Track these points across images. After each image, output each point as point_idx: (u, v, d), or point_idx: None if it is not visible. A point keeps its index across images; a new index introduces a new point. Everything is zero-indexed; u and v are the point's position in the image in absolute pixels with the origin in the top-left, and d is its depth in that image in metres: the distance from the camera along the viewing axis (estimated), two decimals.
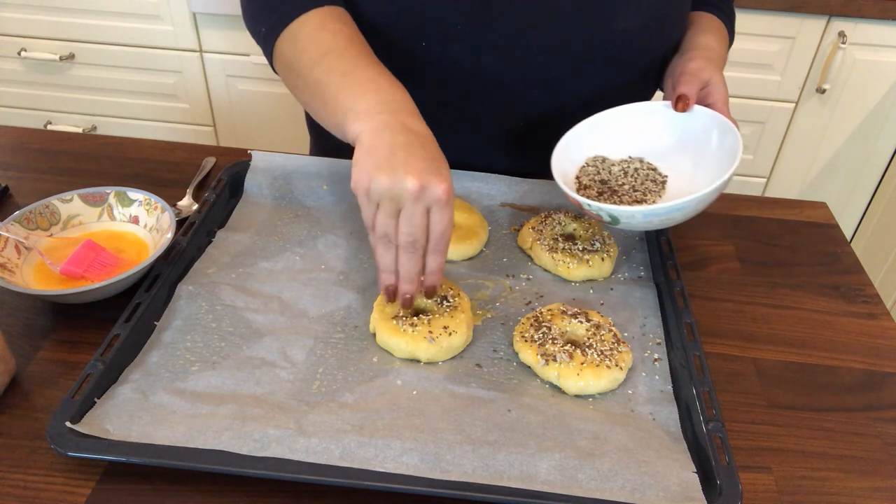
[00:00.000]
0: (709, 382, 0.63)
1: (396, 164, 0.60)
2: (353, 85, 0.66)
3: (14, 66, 1.85)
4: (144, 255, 0.75)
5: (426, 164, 0.60)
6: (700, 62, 0.78)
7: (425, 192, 0.60)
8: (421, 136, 0.63)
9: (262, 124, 1.86)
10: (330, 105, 0.68)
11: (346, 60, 0.69)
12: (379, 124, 0.62)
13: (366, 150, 0.61)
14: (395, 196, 0.60)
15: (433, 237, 0.62)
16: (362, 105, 0.64)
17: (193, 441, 0.56)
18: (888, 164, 1.73)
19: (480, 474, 0.55)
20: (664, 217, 0.69)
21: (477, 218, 0.81)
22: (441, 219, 0.61)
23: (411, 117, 0.64)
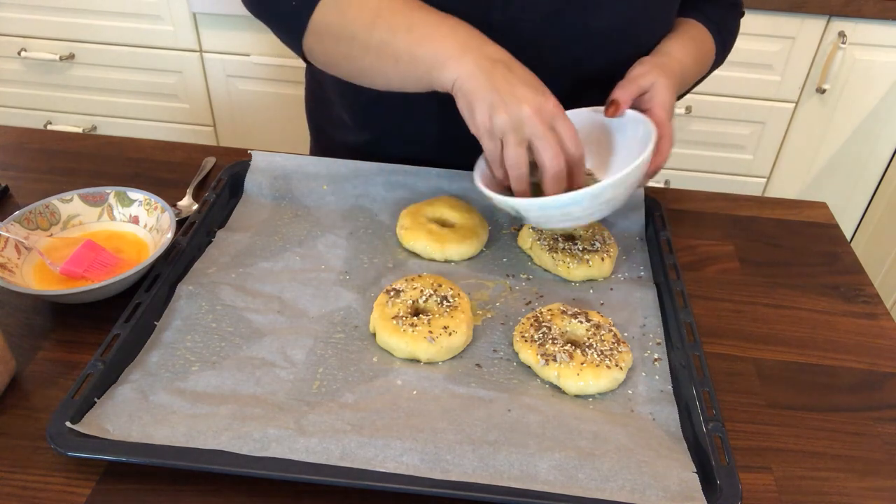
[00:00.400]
0: (709, 382, 0.63)
1: (507, 99, 0.65)
2: (425, 36, 0.69)
3: (14, 66, 1.85)
4: (144, 255, 0.75)
5: (529, 89, 0.66)
6: (646, 67, 0.76)
7: (542, 111, 0.65)
8: (506, 62, 0.68)
9: (262, 124, 1.86)
10: (404, 62, 0.70)
11: (404, 15, 0.71)
12: (470, 66, 0.67)
13: (472, 95, 0.66)
14: (516, 126, 0.65)
15: (569, 148, 0.67)
16: (443, 53, 0.68)
17: (193, 441, 0.56)
18: (888, 164, 1.73)
19: (480, 474, 0.55)
20: (560, 210, 0.68)
21: (477, 218, 0.81)
22: (567, 127, 0.67)
23: (492, 48, 0.69)
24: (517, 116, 0.65)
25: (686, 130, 1.72)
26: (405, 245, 0.79)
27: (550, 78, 0.81)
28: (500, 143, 0.67)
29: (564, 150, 0.67)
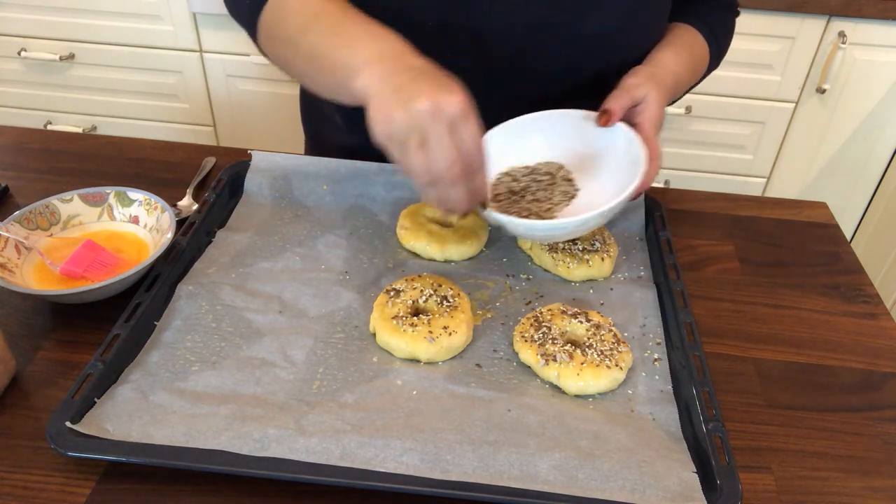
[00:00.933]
0: (709, 382, 0.63)
1: (405, 97, 0.58)
2: (349, 41, 0.65)
3: (14, 66, 1.85)
4: (144, 255, 0.75)
5: (430, 84, 0.58)
6: (640, 78, 0.75)
7: (440, 108, 0.57)
8: (422, 68, 0.61)
9: (262, 124, 1.86)
10: (328, 67, 0.66)
11: (337, 20, 0.67)
12: (382, 73, 0.61)
13: (376, 101, 0.60)
14: (414, 126, 0.57)
15: (467, 154, 0.59)
16: (361, 57, 0.63)
17: (193, 441, 0.56)
18: (888, 164, 1.73)
19: (480, 474, 0.55)
20: (544, 232, 0.70)
21: (477, 218, 0.81)
22: (467, 132, 0.59)
23: (410, 57, 0.63)
24: (413, 114, 0.57)
25: (686, 130, 1.72)
26: (405, 245, 0.79)
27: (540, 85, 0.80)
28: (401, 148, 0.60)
29: (463, 156, 0.59)
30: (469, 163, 0.60)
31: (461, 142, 0.59)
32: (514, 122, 0.77)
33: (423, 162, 0.59)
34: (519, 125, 0.78)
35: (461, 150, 0.59)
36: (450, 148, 0.58)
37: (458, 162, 0.59)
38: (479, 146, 0.60)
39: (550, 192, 0.76)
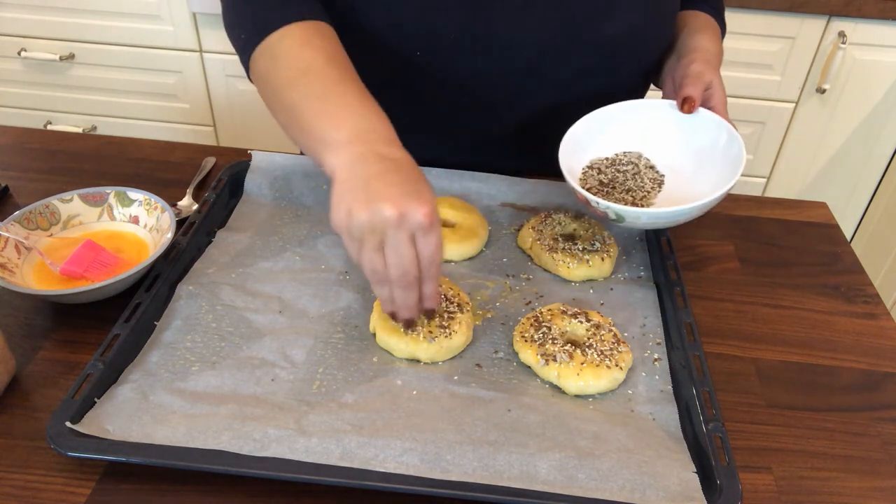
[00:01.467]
0: (709, 382, 0.63)
1: (372, 196, 0.57)
2: (329, 112, 0.63)
3: (14, 66, 1.85)
4: (144, 255, 0.75)
5: (403, 188, 0.57)
6: (701, 65, 0.79)
7: (405, 218, 0.56)
8: (397, 161, 0.60)
9: (262, 124, 1.86)
10: (306, 131, 0.65)
11: (324, 83, 0.65)
12: (353, 156, 0.60)
13: (341, 187, 0.59)
14: (375, 228, 0.57)
15: (423, 264, 0.59)
16: (337, 135, 0.62)
17: (193, 441, 0.56)
18: (888, 164, 1.73)
19: (480, 474, 0.55)
20: (668, 220, 0.71)
21: (477, 218, 0.81)
22: (427, 244, 0.58)
23: (386, 145, 0.61)
24: (376, 217, 0.56)
25: None
26: None
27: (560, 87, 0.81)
28: (359, 244, 0.59)
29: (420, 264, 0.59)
30: (426, 271, 0.59)
31: (421, 250, 0.58)
32: (591, 116, 0.79)
33: (377, 263, 0.59)
34: (595, 119, 0.80)
35: (420, 259, 0.58)
36: (407, 256, 0.58)
37: (414, 270, 0.59)
38: (437, 256, 0.59)
39: (640, 181, 0.78)
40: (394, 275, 0.59)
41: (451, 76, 0.80)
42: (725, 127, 0.76)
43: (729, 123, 0.76)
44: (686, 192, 0.75)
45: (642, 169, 0.80)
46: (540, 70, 0.80)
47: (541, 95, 0.83)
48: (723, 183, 0.70)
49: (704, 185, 0.74)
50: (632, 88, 0.86)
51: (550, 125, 0.80)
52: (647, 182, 0.78)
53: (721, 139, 0.76)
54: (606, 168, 0.80)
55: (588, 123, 0.79)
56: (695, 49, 0.82)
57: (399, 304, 0.61)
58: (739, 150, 0.73)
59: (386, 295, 0.61)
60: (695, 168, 0.78)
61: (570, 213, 0.82)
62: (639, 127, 0.81)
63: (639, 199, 0.76)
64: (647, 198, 0.77)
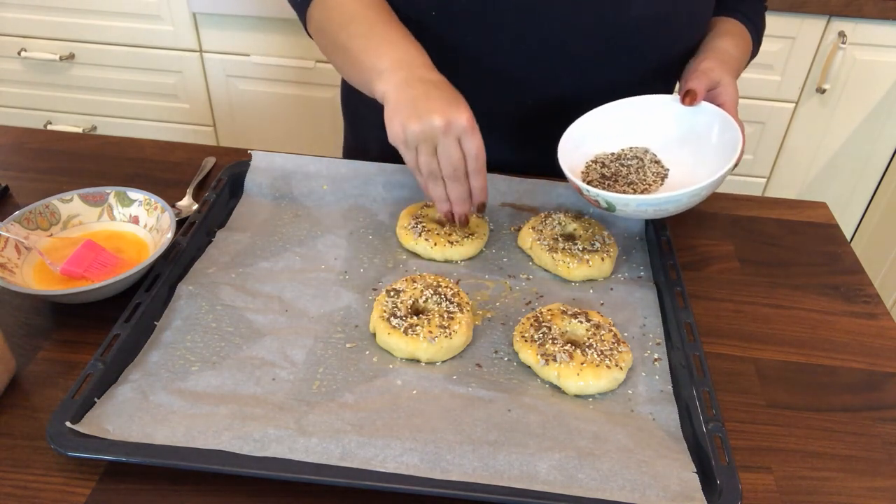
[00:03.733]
0: (709, 382, 0.63)
1: (421, 111, 0.68)
2: (374, 46, 0.75)
3: (14, 66, 1.85)
4: (144, 255, 0.75)
5: (445, 102, 0.69)
6: (712, 62, 0.80)
7: (451, 124, 0.68)
8: (436, 82, 0.71)
9: (262, 124, 1.86)
10: (356, 66, 0.77)
11: (368, 24, 0.77)
12: (399, 81, 0.71)
13: (393, 107, 0.70)
14: (428, 137, 0.69)
15: (470, 161, 0.71)
16: (382, 64, 0.73)
17: (193, 441, 0.56)
18: (888, 164, 1.73)
19: (480, 474, 0.55)
20: (657, 207, 0.71)
21: (477, 218, 0.81)
22: (471, 143, 0.70)
23: (425, 69, 0.72)
24: (427, 127, 0.68)
25: None
26: (405, 245, 0.79)
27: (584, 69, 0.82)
28: (415, 152, 0.71)
29: (466, 164, 0.71)
30: (473, 165, 0.71)
31: (466, 149, 0.70)
32: (597, 111, 0.81)
33: (433, 165, 0.71)
34: (601, 114, 0.81)
35: (466, 155, 0.71)
36: (456, 155, 0.70)
37: (462, 166, 0.71)
38: (480, 153, 0.71)
39: (643, 174, 0.79)
40: (446, 172, 0.71)
41: (469, 53, 0.82)
42: (721, 117, 0.76)
43: (728, 114, 0.76)
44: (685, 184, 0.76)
45: (647, 163, 0.81)
46: (560, 48, 0.81)
47: (561, 76, 0.84)
48: (716, 172, 0.70)
49: (702, 176, 0.74)
50: (653, 79, 0.87)
51: (569, 111, 0.81)
52: (649, 175, 0.79)
53: (715, 129, 0.77)
54: (611, 163, 0.81)
55: (593, 118, 0.80)
56: (712, 49, 0.83)
57: (454, 198, 0.73)
58: (735, 140, 0.74)
59: (441, 193, 0.74)
60: (694, 161, 0.79)
61: (570, 213, 0.82)
62: (645, 122, 0.82)
63: (640, 191, 0.77)
64: (648, 190, 0.78)
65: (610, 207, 0.73)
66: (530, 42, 0.81)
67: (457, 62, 0.81)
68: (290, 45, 1.71)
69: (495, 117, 0.88)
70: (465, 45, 0.82)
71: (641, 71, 0.84)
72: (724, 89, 0.79)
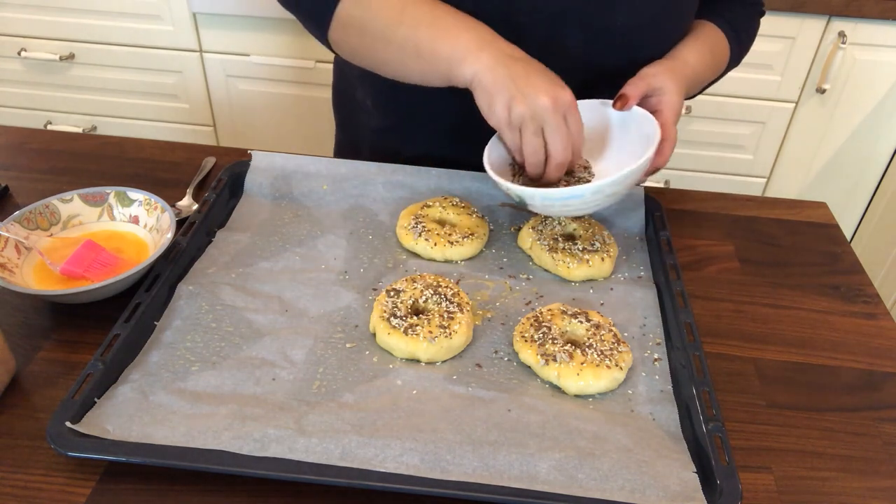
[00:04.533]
0: (709, 382, 0.63)
1: (525, 90, 0.68)
2: (446, 32, 0.72)
3: (14, 66, 1.85)
4: (144, 255, 0.75)
5: (545, 80, 0.69)
6: (657, 69, 0.78)
7: (558, 102, 0.68)
8: (525, 59, 0.71)
9: (262, 124, 1.86)
10: (426, 56, 0.73)
11: (427, 12, 0.74)
12: (489, 62, 0.69)
13: (491, 88, 0.69)
14: (535, 116, 0.68)
15: (575, 138, 0.70)
16: (462, 48, 0.71)
17: (193, 441, 0.56)
18: (888, 164, 1.73)
19: (480, 474, 0.55)
20: (563, 202, 0.71)
21: (477, 218, 0.81)
22: (576, 120, 0.70)
23: (505, 44, 0.71)
24: (535, 107, 0.68)
25: (686, 130, 1.72)
26: (405, 245, 0.79)
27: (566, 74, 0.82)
28: (518, 133, 0.70)
29: (572, 142, 0.70)
30: (575, 143, 0.71)
31: (571, 126, 0.70)
32: None
33: (538, 145, 0.70)
34: None
35: (572, 134, 0.70)
36: (565, 132, 0.69)
37: (570, 147, 0.70)
38: (582, 133, 0.71)
39: (567, 179, 0.78)
40: (555, 150, 0.70)
41: None
42: (649, 120, 0.74)
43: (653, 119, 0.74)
44: None
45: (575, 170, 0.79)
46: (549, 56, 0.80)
47: None
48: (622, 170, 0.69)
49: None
50: None
51: None
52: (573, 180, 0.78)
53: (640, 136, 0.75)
54: None
55: None
56: (669, 55, 0.82)
57: (555, 167, 0.72)
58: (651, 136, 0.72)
59: (537, 172, 0.73)
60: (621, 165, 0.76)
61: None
62: None
63: None
64: None
65: (521, 202, 0.73)
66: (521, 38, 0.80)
67: None
68: (290, 45, 1.71)
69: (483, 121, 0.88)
70: None
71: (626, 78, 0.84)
72: (665, 97, 0.77)
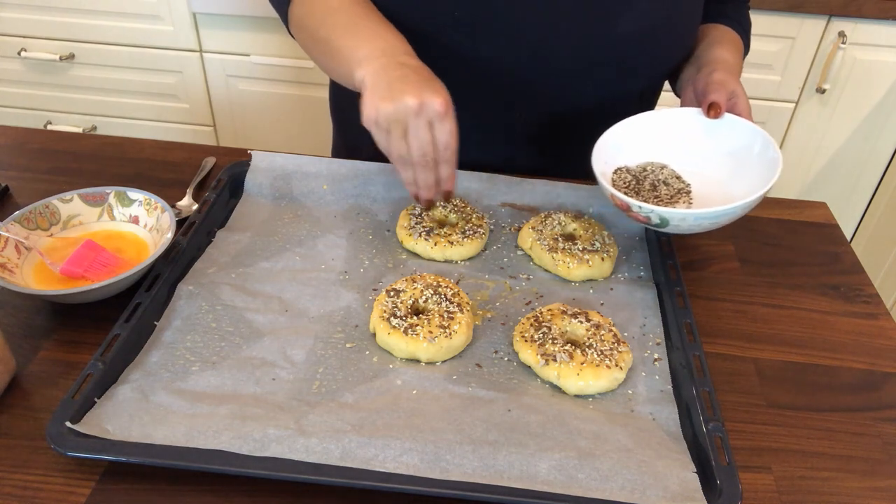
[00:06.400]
0: (709, 382, 0.63)
1: (395, 92, 0.66)
2: (354, 36, 0.74)
3: (14, 66, 1.85)
4: (144, 255, 0.75)
5: (421, 84, 0.67)
6: (723, 74, 0.80)
7: (424, 106, 0.65)
8: (414, 66, 0.70)
9: (262, 124, 1.86)
10: (336, 58, 0.76)
11: (348, 17, 0.76)
12: (377, 67, 0.69)
13: (369, 90, 0.68)
14: (399, 118, 0.66)
15: (439, 148, 0.68)
16: (362, 53, 0.72)
17: (193, 441, 0.56)
18: (888, 164, 1.72)
19: (480, 474, 0.55)
20: (713, 220, 0.71)
21: (477, 218, 0.81)
22: (443, 130, 0.67)
23: (406, 56, 0.71)
24: (399, 108, 0.66)
25: None
26: (405, 245, 0.79)
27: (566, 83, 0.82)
28: (386, 134, 0.69)
29: (435, 149, 0.68)
30: (442, 154, 0.69)
31: (438, 135, 0.67)
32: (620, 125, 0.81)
33: (402, 149, 0.68)
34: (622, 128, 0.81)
35: (436, 143, 0.68)
36: (426, 139, 0.67)
37: (431, 152, 0.68)
38: (452, 141, 0.68)
39: (667, 189, 0.80)
40: (415, 157, 0.69)
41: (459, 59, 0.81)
42: (760, 133, 0.77)
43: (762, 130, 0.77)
44: (719, 197, 0.76)
45: (667, 178, 0.81)
46: (548, 61, 0.80)
47: (549, 88, 0.83)
48: (761, 185, 0.71)
49: (739, 188, 0.74)
50: (646, 91, 0.86)
51: (563, 124, 0.80)
52: (672, 190, 0.80)
53: (756, 144, 0.77)
54: (631, 178, 0.81)
55: (616, 132, 0.80)
56: (715, 60, 0.83)
57: (420, 184, 0.71)
58: (776, 153, 0.74)
59: (410, 177, 0.71)
60: (729, 172, 0.79)
61: (570, 214, 0.82)
62: (664, 136, 0.82)
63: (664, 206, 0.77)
64: (671, 205, 0.78)
65: (663, 223, 0.72)
66: (519, 54, 0.80)
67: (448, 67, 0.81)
68: (290, 45, 1.71)
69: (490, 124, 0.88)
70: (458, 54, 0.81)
71: (633, 83, 0.84)
72: (739, 99, 0.79)
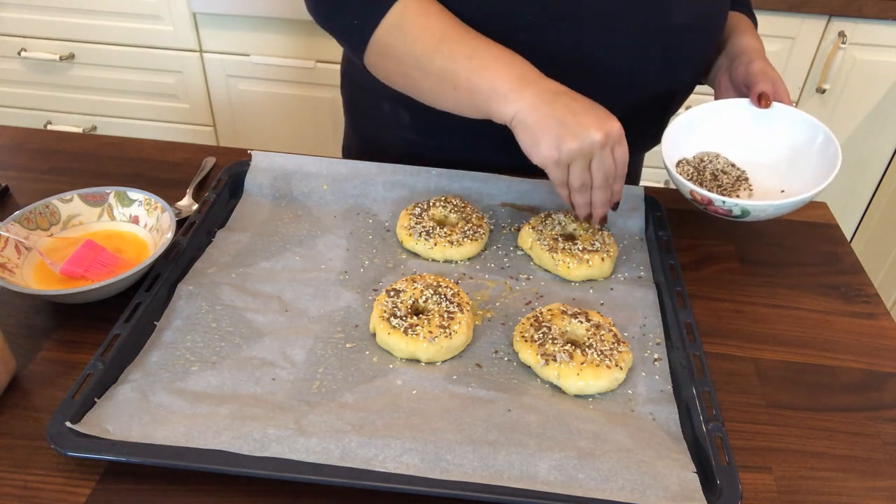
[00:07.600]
0: (709, 382, 0.63)
1: (574, 127, 0.68)
2: (484, 66, 0.71)
3: (14, 66, 1.85)
4: (144, 255, 0.75)
5: (593, 114, 0.69)
6: (762, 63, 0.83)
7: (609, 137, 0.68)
8: (566, 93, 0.70)
9: (262, 124, 1.86)
10: (462, 89, 0.73)
11: (465, 43, 0.73)
12: (531, 100, 0.69)
13: (537, 128, 0.69)
14: (585, 153, 0.69)
15: (619, 168, 0.72)
16: (503, 85, 0.70)
17: (193, 441, 0.56)
18: (888, 164, 1.73)
19: (480, 474, 0.55)
20: (790, 209, 0.77)
21: (477, 218, 0.81)
22: (622, 151, 0.71)
23: (546, 81, 0.71)
24: (587, 143, 0.68)
25: None
26: (405, 245, 0.79)
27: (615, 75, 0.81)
28: (566, 169, 0.71)
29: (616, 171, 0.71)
30: (619, 172, 0.72)
31: (617, 157, 0.71)
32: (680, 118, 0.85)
33: (586, 178, 0.71)
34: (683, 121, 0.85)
35: (616, 164, 0.71)
36: (610, 165, 0.71)
37: (612, 174, 0.72)
38: (626, 160, 0.72)
39: (726, 178, 0.84)
40: (598, 182, 0.71)
41: None
42: (822, 129, 0.82)
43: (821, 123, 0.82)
44: (778, 185, 0.83)
45: (724, 167, 0.85)
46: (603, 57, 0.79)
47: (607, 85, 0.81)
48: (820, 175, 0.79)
49: (798, 177, 0.82)
50: (691, 80, 0.88)
51: None
52: (731, 178, 0.84)
53: (818, 139, 0.83)
54: (692, 170, 0.85)
55: (677, 126, 0.84)
56: (747, 49, 0.86)
57: (599, 203, 0.74)
58: (836, 149, 0.80)
59: (586, 201, 0.74)
60: (787, 162, 0.84)
61: (570, 213, 0.82)
62: (715, 127, 0.86)
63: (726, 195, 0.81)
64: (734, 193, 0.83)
65: (744, 214, 0.76)
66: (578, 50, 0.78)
67: None
68: (290, 45, 1.71)
69: None
70: None
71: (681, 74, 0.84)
72: (779, 86, 0.82)
